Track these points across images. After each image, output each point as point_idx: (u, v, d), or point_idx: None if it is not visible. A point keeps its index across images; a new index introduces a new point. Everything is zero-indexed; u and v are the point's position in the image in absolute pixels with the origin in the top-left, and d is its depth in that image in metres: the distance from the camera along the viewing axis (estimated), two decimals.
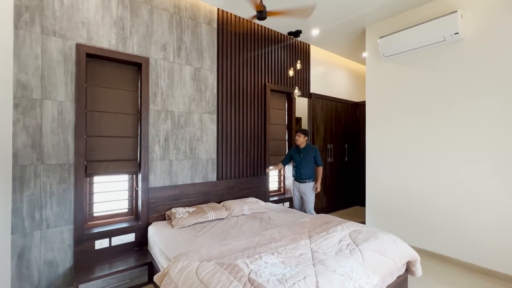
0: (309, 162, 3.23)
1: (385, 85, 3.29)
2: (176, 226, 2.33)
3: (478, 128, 2.52)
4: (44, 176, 2.04)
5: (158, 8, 2.61)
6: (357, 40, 3.92)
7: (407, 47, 2.89)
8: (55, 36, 2.08)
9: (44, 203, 2.03)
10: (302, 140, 3.25)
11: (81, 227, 2.18)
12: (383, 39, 3.08)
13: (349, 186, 4.95)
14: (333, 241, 1.87)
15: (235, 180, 3.21)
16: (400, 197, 3.11)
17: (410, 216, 3.01)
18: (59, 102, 2.10)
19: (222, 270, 1.40)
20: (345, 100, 4.82)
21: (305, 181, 3.23)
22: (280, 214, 2.81)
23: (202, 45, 2.93)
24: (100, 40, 2.28)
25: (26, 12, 1.97)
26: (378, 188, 3.35)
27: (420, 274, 2.02)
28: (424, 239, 2.89)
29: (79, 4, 2.19)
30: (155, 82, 2.59)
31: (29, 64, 1.98)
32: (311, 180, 3.23)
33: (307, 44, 4.09)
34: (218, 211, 2.61)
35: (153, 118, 2.58)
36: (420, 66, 2.93)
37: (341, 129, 4.79)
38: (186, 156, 2.80)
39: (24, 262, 1.95)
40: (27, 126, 1.97)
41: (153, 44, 2.58)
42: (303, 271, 1.42)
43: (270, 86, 3.58)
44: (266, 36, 3.55)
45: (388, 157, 3.25)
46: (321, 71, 4.36)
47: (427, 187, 2.87)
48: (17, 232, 1.93)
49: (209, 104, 2.98)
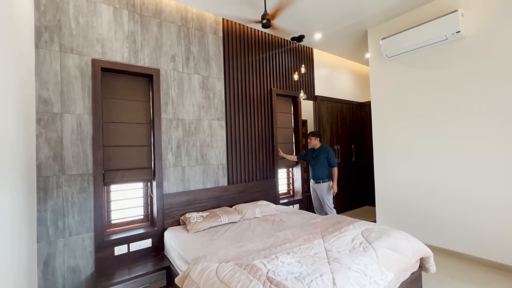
0: (322, 162, 3.31)
1: (390, 85, 3.33)
2: (191, 230, 2.40)
3: (487, 122, 2.54)
4: (66, 186, 2.14)
5: (166, 21, 2.73)
6: (360, 42, 3.99)
7: (410, 47, 2.94)
8: (72, 53, 2.20)
9: (66, 212, 2.13)
10: (315, 142, 3.40)
11: (101, 234, 2.26)
12: (386, 40, 3.14)
13: (358, 187, 4.97)
14: (346, 240, 1.92)
15: (245, 184, 3.28)
16: (410, 195, 3.13)
17: (421, 213, 3.03)
18: (78, 115, 2.21)
19: (241, 270, 1.46)
20: (350, 101, 4.87)
21: (319, 181, 3.33)
22: (292, 216, 2.86)
23: (209, 54, 3.03)
24: (113, 54, 2.40)
25: (45, 32, 2.09)
26: (387, 187, 3.38)
27: (434, 271, 2.04)
28: (436, 236, 2.90)
29: (93, 22, 2.31)
30: (165, 92, 2.69)
31: (50, 81, 2.10)
32: (326, 180, 3.31)
33: (310, 48, 4.17)
34: (231, 215, 2.67)
35: (165, 126, 2.68)
36: (424, 65, 2.98)
37: (347, 130, 4.83)
38: (198, 162, 2.89)
39: (49, 269, 2.04)
40: (49, 139, 2.08)
41: (163, 56, 2.69)
42: (319, 269, 1.46)
43: (275, 90, 3.66)
44: (270, 42, 3.64)
45: (396, 156, 3.28)
46: (325, 74, 4.43)
47: (437, 184, 2.89)
48: (42, 240, 2.03)
49: (217, 111, 3.07)
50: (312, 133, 3.43)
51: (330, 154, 3.30)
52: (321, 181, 3.30)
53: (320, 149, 3.37)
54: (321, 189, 3.31)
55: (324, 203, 3.31)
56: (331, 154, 3.30)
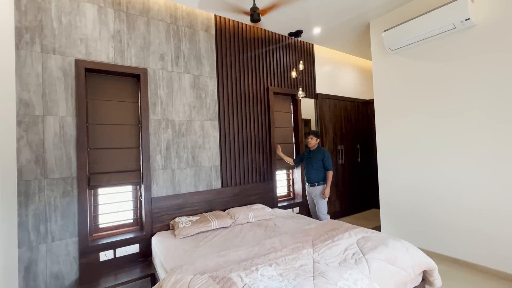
0: (317, 165, 3.11)
1: (394, 81, 3.11)
2: (178, 236, 2.30)
3: (505, 118, 2.29)
4: (48, 190, 2.08)
5: (154, 19, 2.64)
6: (362, 36, 3.77)
7: (415, 39, 2.71)
8: (54, 54, 2.15)
9: (48, 216, 2.08)
10: (314, 143, 3.18)
11: (86, 239, 2.20)
12: (388, 32, 2.92)
13: (364, 188, 4.72)
14: (338, 250, 1.75)
15: (241, 186, 3.15)
16: (417, 198, 2.89)
17: (428, 218, 2.79)
18: (61, 117, 2.15)
19: (214, 284, 1.33)
20: (355, 98, 4.64)
21: (313, 184, 3.13)
22: (287, 220, 2.70)
23: (200, 52, 2.92)
24: (98, 54, 2.33)
25: (26, 33, 2.05)
26: (392, 190, 3.15)
27: (439, 285, 1.84)
28: (444, 243, 2.66)
29: (77, 21, 2.25)
30: (154, 92, 2.61)
31: (31, 82, 2.05)
32: (321, 183, 3.11)
33: (310, 44, 3.99)
34: (222, 220, 2.55)
35: (154, 128, 2.59)
36: (430, 58, 2.74)
37: (351, 129, 4.60)
38: (189, 164, 2.78)
39: (31, 275, 1.99)
40: (30, 142, 2.03)
41: (150, 55, 2.60)
42: (301, 285, 1.31)
43: (273, 89, 3.51)
44: (266, 38, 3.49)
45: (401, 156, 3.05)
46: (327, 71, 4.23)
47: (446, 186, 2.65)
48: (24, 245, 1.98)
49: (210, 111, 2.96)
50: (313, 132, 3.21)
51: (326, 156, 3.09)
52: (316, 184, 3.10)
53: (316, 150, 3.17)
54: (315, 193, 3.12)
55: (318, 208, 3.11)
56: (326, 156, 3.09)
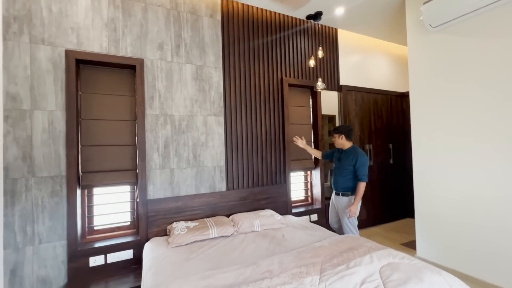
0: (347, 170, 2.49)
1: (436, 66, 2.53)
2: (171, 244, 2.05)
3: None
4: (36, 189, 1.96)
5: (153, 5, 2.42)
6: (396, 15, 3.19)
7: (464, 10, 2.13)
8: (44, 45, 2.01)
9: (35, 217, 1.96)
10: (339, 142, 2.58)
11: (75, 242, 2.05)
12: (429, 4, 2.36)
13: (397, 194, 4.10)
14: (352, 282, 1.34)
15: (249, 189, 2.82)
16: (464, 210, 2.31)
17: (478, 237, 2.20)
18: (50, 112, 2.02)
19: None
20: (387, 91, 4.03)
21: (338, 193, 2.57)
22: (298, 232, 2.32)
23: (204, 40, 2.64)
24: (90, 44, 2.17)
25: (14, 23, 1.94)
26: (431, 198, 2.58)
27: None
28: (503, 272, 2.06)
29: (67, 9, 2.10)
30: (151, 85, 2.39)
31: (18, 75, 1.94)
32: (348, 194, 2.50)
33: (333, 28, 3.50)
34: (222, 227, 2.26)
35: (150, 123, 2.38)
36: (486, 34, 2.13)
37: (383, 126, 4.01)
38: (190, 164, 2.53)
39: (17, 279, 1.89)
40: (17, 138, 1.92)
41: (148, 44, 2.39)
42: None
43: (288, 80, 3.11)
44: (281, 23, 3.10)
45: (442, 159, 2.47)
46: (353, 59, 3.70)
47: (503, 198, 2.05)
48: (10, 247, 1.88)
49: (214, 105, 2.67)
50: (335, 129, 2.63)
51: (360, 161, 2.41)
52: (341, 194, 2.54)
53: (349, 151, 2.54)
54: (340, 205, 2.56)
55: (343, 223, 2.53)
56: (361, 161, 2.41)
